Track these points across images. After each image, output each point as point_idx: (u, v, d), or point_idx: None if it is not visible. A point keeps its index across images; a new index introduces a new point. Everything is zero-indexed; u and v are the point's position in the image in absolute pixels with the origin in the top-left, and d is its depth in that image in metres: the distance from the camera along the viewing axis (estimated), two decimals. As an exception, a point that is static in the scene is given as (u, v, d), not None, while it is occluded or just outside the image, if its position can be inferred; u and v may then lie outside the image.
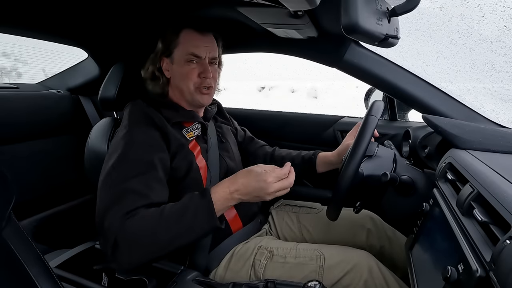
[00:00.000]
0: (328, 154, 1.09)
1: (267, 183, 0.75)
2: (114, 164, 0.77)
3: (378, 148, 0.88)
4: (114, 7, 1.06)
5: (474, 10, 1.08)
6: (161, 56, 0.95)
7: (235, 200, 0.77)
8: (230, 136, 1.12)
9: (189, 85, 0.93)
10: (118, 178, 0.75)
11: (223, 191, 0.76)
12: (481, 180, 0.54)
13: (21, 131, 1.37)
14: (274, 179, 0.76)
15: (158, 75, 0.96)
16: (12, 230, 0.44)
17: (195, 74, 0.93)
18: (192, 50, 0.91)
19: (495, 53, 1.13)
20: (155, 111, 0.88)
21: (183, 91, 0.95)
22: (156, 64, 0.96)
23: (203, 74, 0.93)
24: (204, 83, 0.94)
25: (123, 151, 0.79)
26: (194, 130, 0.97)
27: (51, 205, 1.45)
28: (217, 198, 0.75)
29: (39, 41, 1.32)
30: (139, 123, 0.84)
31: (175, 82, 0.96)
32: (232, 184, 0.77)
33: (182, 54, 0.92)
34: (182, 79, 0.93)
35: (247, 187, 0.76)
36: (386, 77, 1.04)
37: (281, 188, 0.77)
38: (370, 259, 0.82)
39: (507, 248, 0.38)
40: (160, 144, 0.84)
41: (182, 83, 0.94)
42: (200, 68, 0.93)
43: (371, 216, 1.05)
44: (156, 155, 0.81)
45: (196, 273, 0.78)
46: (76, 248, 0.88)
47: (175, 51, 0.93)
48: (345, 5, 0.60)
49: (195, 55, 0.92)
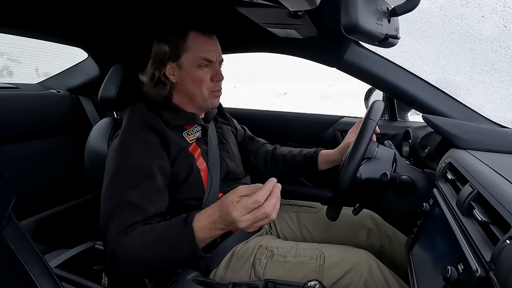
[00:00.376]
0: (330, 152, 1.09)
1: (233, 218, 0.66)
2: (114, 173, 0.78)
3: (378, 148, 0.88)
4: (114, 7, 1.06)
5: (474, 10, 1.08)
6: (167, 61, 0.92)
7: (219, 229, 0.71)
8: (230, 137, 1.12)
9: (202, 90, 0.92)
10: (118, 189, 0.77)
11: (205, 219, 0.71)
12: (481, 180, 0.54)
13: (21, 131, 1.37)
14: (242, 211, 0.65)
15: (163, 80, 0.93)
16: (12, 230, 0.44)
17: (208, 78, 0.92)
18: (205, 55, 0.90)
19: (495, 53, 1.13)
20: (154, 115, 0.87)
21: (194, 96, 0.93)
22: (161, 70, 0.93)
23: (216, 78, 0.92)
24: (217, 86, 0.94)
25: (122, 160, 0.80)
26: (194, 132, 0.96)
27: (51, 205, 1.45)
28: (199, 227, 0.71)
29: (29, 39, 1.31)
30: (137, 129, 0.84)
31: (184, 87, 0.93)
32: (210, 215, 0.71)
33: (193, 59, 0.90)
34: (195, 84, 0.91)
35: (223, 219, 0.69)
36: (386, 77, 1.04)
37: (254, 220, 0.66)
38: (370, 259, 0.82)
39: (507, 248, 0.38)
40: (159, 150, 0.84)
41: (194, 88, 0.92)
42: (212, 72, 0.92)
43: (372, 215, 1.05)
44: (155, 162, 0.81)
45: (196, 273, 0.78)
46: (76, 248, 0.88)
47: (183, 56, 0.90)
48: (345, 5, 0.60)
49: (207, 60, 0.90)
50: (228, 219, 0.67)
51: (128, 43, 1.37)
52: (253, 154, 1.20)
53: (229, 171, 1.00)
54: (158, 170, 0.81)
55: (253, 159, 1.20)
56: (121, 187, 0.76)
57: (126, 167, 0.79)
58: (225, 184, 0.99)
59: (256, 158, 1.19)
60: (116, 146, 0.83)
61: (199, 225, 0.71)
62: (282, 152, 1.18)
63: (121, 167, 0.79)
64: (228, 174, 1.00)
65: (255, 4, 0.79)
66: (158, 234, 0.72)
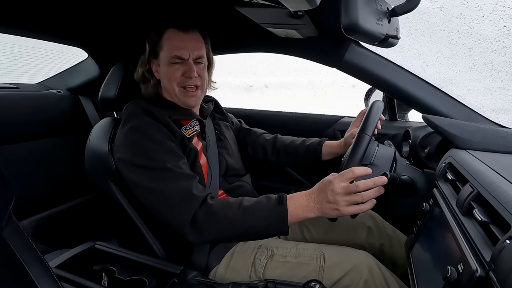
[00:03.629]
0: (334, 144, 1.08)
1: (339, 205, 0.71)
2: (146, 163, 0.81)
3: (378, 148, 0.88)
4: (114, 7, 1.06)
5: (473, 10, 1.08)
6: (149, 58, 0.95)
7: (313, 210, 0.75)
8: (228, 133, 1.12)
9: (173, 86, 0.93)
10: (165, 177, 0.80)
11: (301, 199, 0.76)
12: (481, 180, 0.54)
13: (21, 131, 1.37)
14: (346, 202, 0.71)
15: (148, 77, 0.96)
16: (12, 230, 0.44)
17: (179, 74, 0.92)
18: (175, 53, 0.91)
19: (495, 52, 1.13)
20: (156, 107, 0.90)
21: (170, 92, 0.95)
22: (145, 66, 0.96)
23: (187, 74, 0.92)
24: (188, 82, 0.93)
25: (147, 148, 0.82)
26: (192, 127, 0.97)
27: (51, 205, 1.45)
28: (291, 205, 0.75)
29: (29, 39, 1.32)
30: (143, 118, 0.87)
31: (163, 83, 0.96)
32: (308, 194, 0.76)
33: (167, 56, 0.92)
34: (168, 80, 0.93)
35: (319, 197, 0.74)
36: (386, 77, 1.04)
37: (351, 200, 0.71)
38: (370, 259, 0.82)
39: (507, 248, 0.38)
40: (169, 136, 0.87)
41: (168, 84, 0.94)
42: (184, 68, 0.92)
43: (371, 214, 1.05)
44: (172, 144, 0.86)
45: (196, 273, 0.78)
46: (76, 248, 0.88)
47: (161, 53, 0.93)
48: (345, 5, 0.60)
49: (178, 57, 0.91)
50: (331, 206, 0.71)
51: (128, 43, 1.37)
52: (250, 145, 1.19)
53: (229, 167, 1.01)
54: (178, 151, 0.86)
55: (251, 151, 1.19)
56: (169, 171, 0.80)
57: (159, 149, 0.82)
58: (226, 181, 0.99)
59: (255, 149, 1.19)
60: (131, 136, 0.85)
61: (291, 203, 0.75)
62: (284, 142, 1.16)
63: (152, 152, 0.82)
64: (228, 170, 1.00)
65: (255, 4, 0.79)
66: (248, 207, 0.76)
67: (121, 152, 0.86)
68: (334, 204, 0.71)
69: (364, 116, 0.82)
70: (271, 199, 0.77)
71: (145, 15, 1.14)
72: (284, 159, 1.15)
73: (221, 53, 1.33)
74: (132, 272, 0.82)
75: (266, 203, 0.77)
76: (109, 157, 0.91)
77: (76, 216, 1.51)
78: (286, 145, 1.15)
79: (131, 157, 0.83)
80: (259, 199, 0.78)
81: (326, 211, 0.73)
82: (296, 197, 0.76)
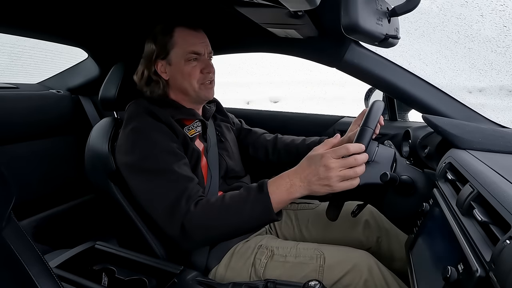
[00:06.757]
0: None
1: (331, 181, 0.68)
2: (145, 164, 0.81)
3: (378, 148, 0.87)
4: (114, 7, 1.06)
5: (473, 9, 1.08)
6: (155, 59, 0.94)
7: (299, 190, 0.72)
8: (229, 135, 1.12)
9: (193, 83, 0.93)
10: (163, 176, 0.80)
11: (283, 181, 0.73)
12: (481, 180, 0.54)
13: (21, 131, 1.37)
14: (339, 178, 0.68)
15: (155, 78, 0.95)
16: (12, 230, 0.44)
17: (198, 71, 0.93)
18: (192, 48, 0.92)
19: (494, 52, 1.13)
20: (158, 107, 0.90)
21: (186, 90, 0.95)
22: (151, 68, 0.95)
23: (206, 70, 0.94)
24: (207, 78, 0.95)
25: (148, 148, 0.82)
26: (195, 127, 0.98)
27: (51, 205, 1.45)
28: (274, 190, 0.73)
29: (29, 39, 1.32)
30: (145, 118, 0.87)
31: (175, 83, 0.95)
32: (295, 172, 0.73)
33: (181, 54, 0.92)
34: (185, 78, 0.93)
35: (307, 174, 0.70)
36: (386, 77, 1.04)
37: (347, 188, 0.68)
38: (370, 259, 0.82)
39: (507, 248, 0.38)
40: (171, 136, 0.87)
41: (185, 82, 0.94)
42: (201, 65, 0.94)
43: (369, 208, 1.05)
44: (174, 145, 0.85)
45: (196, 273, 0.78)
46: (76, 248, 0.88)
47: (172, 52, 0.92)
48: (345, 5, 0.60)
49: (195, 53, 0.92)
50: (320, 171, 0.68)
51: (128, 43, 1.37)
52: (251, 146, 1.19)
53: (229, 169, 1.01)
54: (179, 151, 0.86)
55: (252, 151, 1.19)
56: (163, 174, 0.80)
57: (157, 151, 0.82)
58: (225, 183, 0.99)
59: (255, 149, 1.18)
60: (132, 137, 0.85)
61: (272, 188, 0.73)
62: (284, 141, 1.16)
63: (149, 154, 0.82)
64: (227, 172, 1.01)
65: (255, 4, 0.79)
66: (230, 203, 0.75)
67: (122, 153, 0.87)
68: (326, 180, 0.68)
69: (365, 113, 0.82)
70: (251, 190, 0.75)
71: (145, 15, 1.14)
72: (285, 158, 1.16)
73: (221, 53, 1.33)
74: (132, 272, 0.82)
75: (246, 195, 0.75)
76: (109, 157, 0.91)
77: (76, 216, 1.51)
78: (287, 145, 1.15)
79: (130, 158, 0.84)
80: (240, 192, 0.77)
81: (315, 188, 0.70)
82: (278, 180, 0.74)
